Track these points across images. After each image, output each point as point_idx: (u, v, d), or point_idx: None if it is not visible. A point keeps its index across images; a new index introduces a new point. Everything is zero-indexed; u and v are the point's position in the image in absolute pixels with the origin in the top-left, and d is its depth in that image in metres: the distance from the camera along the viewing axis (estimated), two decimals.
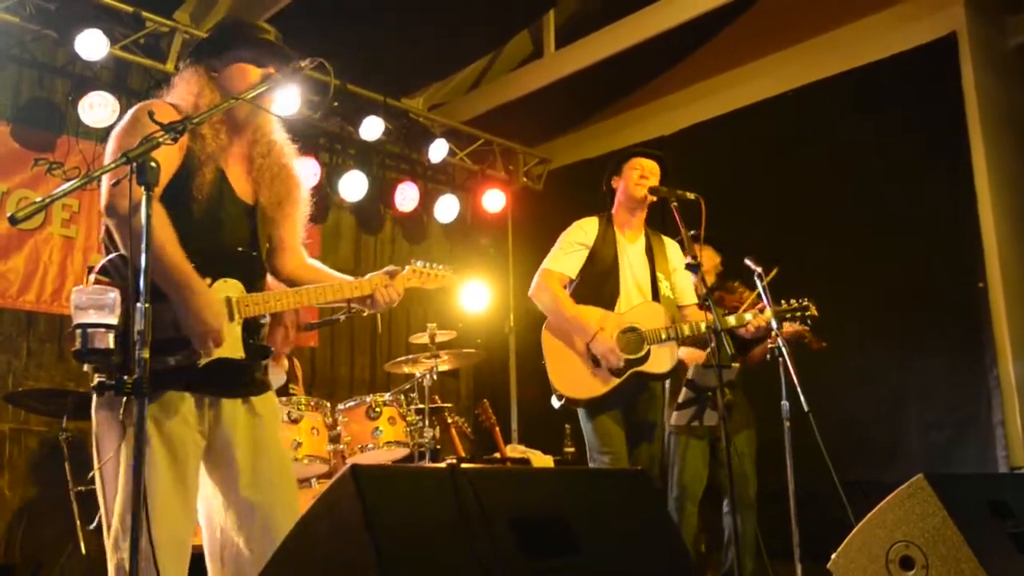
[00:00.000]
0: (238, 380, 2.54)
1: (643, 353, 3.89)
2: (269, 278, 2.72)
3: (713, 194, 3.69)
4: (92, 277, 2.34)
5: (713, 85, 6.63)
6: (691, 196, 3.69)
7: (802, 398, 3.79)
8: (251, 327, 2.55)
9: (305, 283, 2.75)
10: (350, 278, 2.81)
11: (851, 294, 5.37)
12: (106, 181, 2.31)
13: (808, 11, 6.06)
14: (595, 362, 3.90)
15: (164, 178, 2.33)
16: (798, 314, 4.03)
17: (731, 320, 3.98)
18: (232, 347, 2.47)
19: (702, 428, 4.20)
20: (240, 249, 2.55)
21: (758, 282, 4.10)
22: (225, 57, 2.61)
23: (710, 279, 4.72)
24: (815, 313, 4.04)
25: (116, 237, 2.37)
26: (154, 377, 2.07)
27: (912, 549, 2.57)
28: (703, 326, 3.81)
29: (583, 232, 4.13)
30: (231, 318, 2.48)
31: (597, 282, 4.06)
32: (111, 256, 2.37)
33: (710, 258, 4.75)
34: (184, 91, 2.57)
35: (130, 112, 2.50)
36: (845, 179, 5.74)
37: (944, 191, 5.36)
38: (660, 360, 3.93)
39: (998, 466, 4.92)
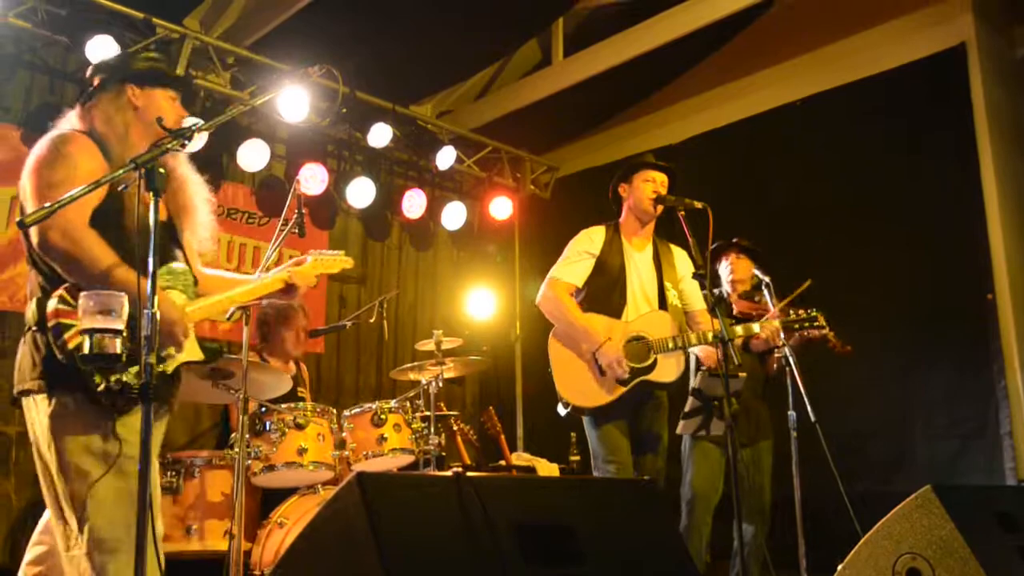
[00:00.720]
0: (174, 390, 2.67)
1: (650, 362, 3.89)
2: None
3: (721, 203, 3.68)
4: (54, 304, 2.34)
5: (721, 94, 6.63)
6: (699, 205, 3.67)
7: (809, 408, 3.78)
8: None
9: (203, 288, 2.87)
10: (247, 277, 3.04)
11: (858, 304, 5.35)
12: (35, 230, 2.36)
13: (817, 21, 6.06)
14: (601, 370, 3.90)
15: (90, 207, 2.45)
16: (806, 324, 4.01)
17: (738, 330, 3.96)
18: (191, 351, 2.63)
19: (720, 436, 4.16)
20: (172, 264, 2.65)
21: (766, 292, 4.10)
22: (146, 85, 2.72)
23: (744, 288, 4.70)
24: (823, 323, 4.03)
25: (59, 269, 2.41)
26: (131, 388, 2.30)
27: (919, 561, 2.56)
28: (710, 335, 3.80)
29: (590, 241, 4.13)
30: None
31: (604, 291, 4.06)
32: (65, 285, 2.39)
33: (746, 268, 4.70)
34: (106, 117, 2.67)
35: (47, 143, 2.56)
36: (853, 189, 5.72)
37: (953, 201, 5.34)
38: (666, 369, 3.92)
39: (1005, 478, 4.90)
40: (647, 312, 4.00)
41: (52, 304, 2.35)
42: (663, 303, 4.04)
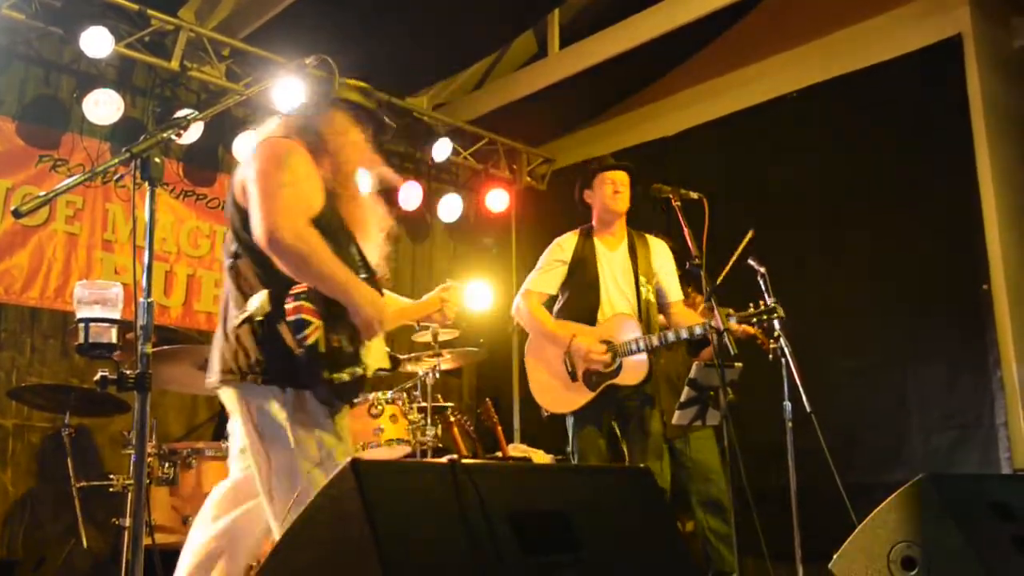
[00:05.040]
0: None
1: (615, 366, 3.93)
2: None
3: (716, 195, 3.68)
4: (293, 304, 2.47)
5: (716, 86, 6.62)
6: (694, 196, 3.70)
7: (804, 399, 3.78)
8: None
9: None
10: (407, 300, 3.26)
11: (854, 295, 5.36)
12: (262, 216, 2.48)
13: (812, 13, 6.05)
14: (572, 376, 3.97)
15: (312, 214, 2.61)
16: (764, 317, 3.91)
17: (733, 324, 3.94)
18: (383, 359, 2.78)
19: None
20: (363, 276, 2.72)
21: (761, 283, 4.08)
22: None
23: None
24: (783, 315, 3.96)
25: (287, 268, 2.50)
26: (345, 388, 2.52)
27: (914, 550, 2.57)
28: (683, 332, 3.84)
29: (560, 249, 4.24)
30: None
31: (579, 295, 4.14)
32: (304, 284, 2.50)
33: None
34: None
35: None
36: (848, 181, 5.72)
37: (948, 193, 5.34)
38: (631, 372, 3.96)
39: (1001, 468, 4.91)
40: (611, 316, 4.05)
41: (294, 300, 2.47)
42: (639, 298, 4.08)
